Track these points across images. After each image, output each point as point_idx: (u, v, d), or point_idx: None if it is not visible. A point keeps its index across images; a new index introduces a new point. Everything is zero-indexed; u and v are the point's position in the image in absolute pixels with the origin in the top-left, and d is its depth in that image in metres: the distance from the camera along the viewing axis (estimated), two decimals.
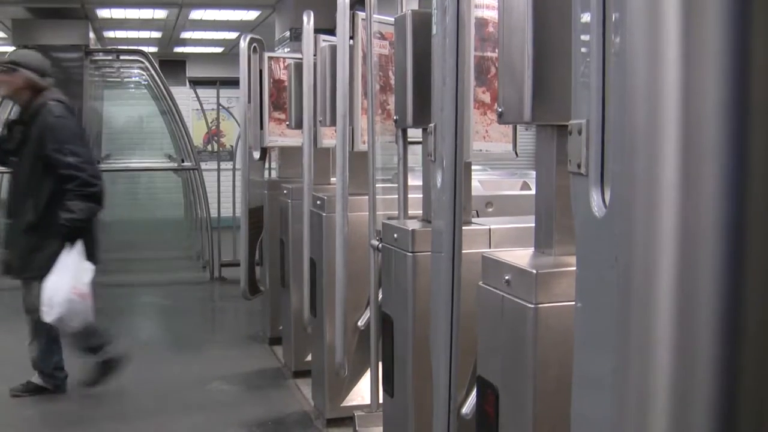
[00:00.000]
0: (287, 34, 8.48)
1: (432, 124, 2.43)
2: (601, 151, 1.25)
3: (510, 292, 1.94)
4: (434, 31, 2.40)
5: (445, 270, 2.27)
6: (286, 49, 8.41)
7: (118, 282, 8.26)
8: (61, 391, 4.62)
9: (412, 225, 2.85)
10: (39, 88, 4.49)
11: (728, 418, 1.02)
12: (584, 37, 1.31)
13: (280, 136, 5.40)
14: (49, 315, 4.15)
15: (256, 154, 5.57)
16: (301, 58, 4.44)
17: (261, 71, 5.44)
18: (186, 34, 11.92)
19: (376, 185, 3.38)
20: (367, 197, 3.40)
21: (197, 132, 11.68)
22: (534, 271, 1.86)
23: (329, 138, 4.30)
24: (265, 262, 5.64)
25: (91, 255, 4.34)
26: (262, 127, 5.40)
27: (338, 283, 3.53)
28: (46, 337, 4.57)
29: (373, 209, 3.36)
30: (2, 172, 9.53)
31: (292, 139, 5.20)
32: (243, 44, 5.43)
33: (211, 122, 11.14)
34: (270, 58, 5.46)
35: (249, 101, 5.48)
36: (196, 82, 10.53)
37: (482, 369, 2.09)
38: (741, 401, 1.02)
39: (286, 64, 5.47)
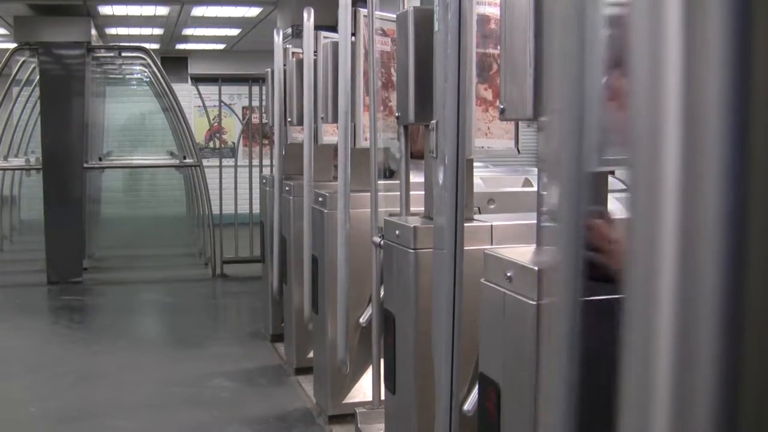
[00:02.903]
0: (289, 30, 8.48)
1: (434, 121, 2.43)
2: None
3: (512, 289, 1.94)
4: (436, 27, 2.40)
5: (447, 267, 2.27)
6: (288, 46, 8.40)
7: (120, 279, 8.27)
8: None
9: (414, 222, 2.85)
10: None
11: (729, 415, 1.02)
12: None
13: (300, 133, 5.32)
14: None
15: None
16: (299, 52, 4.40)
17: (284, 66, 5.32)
18: (188, 31, 11.91)
19: (378, 182, 3.38)
20: (368, 194, 3.40)
21: (199, 129, 11.69)
22: (536, 268, 1.86)
23: (331, 135, 4.29)
24: (267, 259, 5.64)
25: None
26: (285, 124, 5.32)
27: (340, 280, 3.53)
28: None
29: (374, 206, 3.36)
30: (1, 169, 9.58)
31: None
32: (278, 39, 5.20)
33: (212, 119, 11.14)
34: (293, 54, 5.31)
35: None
36: (197, 79, 10.51)
37: (484, 366, 2.10)
38: (742, 399, 1.02)
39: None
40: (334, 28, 3.81)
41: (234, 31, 11.70)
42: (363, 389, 3.93)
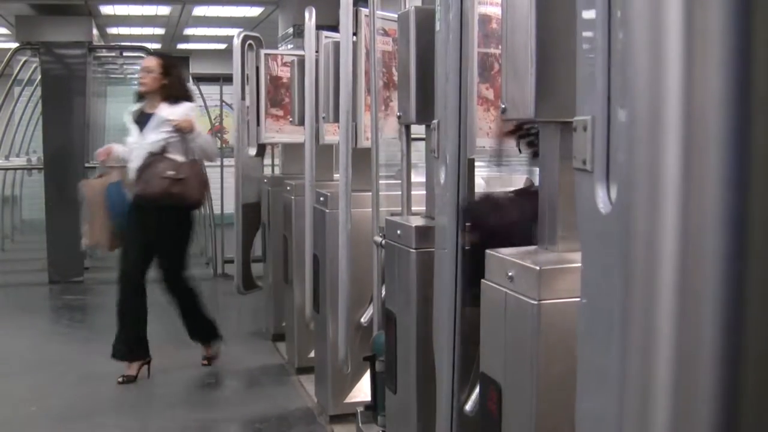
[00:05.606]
0: (290, 30, 8.48)
1: (435, 121, 2.43)
2: (606, 148, 1.24)
3: (513, 289, 1.94)
4: (437, 27, 2.40)
5: (448, 266, 2.27)
6: (289, 46, 8.41)
7: None
8: None
9: (416, 221, 2.85)
10: None
11: (730, 413, 1.02)
12: (589, 34, 1.31)
13: (277, 132, 5.45)
14: None
15: (252, 151, 5.62)
16: (301, 55, 4.43)
17: (258, 68, 5.47)
18: (189, 31, 11.92)
19: (380, 182, 3.38)
20: (370, 194, 3.40)
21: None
22: (537, 268, 1.86)
23: (332, 134, 4.29)
24: (268, 259, 5.65)
25: None
26: (258, 124, 5.44)
27: (341, 280, 3.53)
28: None
29: (376, 206, 3.36)
30: (3, 169, 9.58)
31: (290, 135, 5.24)
32: (236, 41, 5.51)
33: (214, 119, 11.14)
34: (267, 55, 5.49)
35: (243, 98, 5.53)
36: (199, 79, 10.51)
37: (485, 366, 2.09)
38: (743, 397, 1.02)
39: (283, 60, 5.50)
40: (335, 28, 3.81)
41: (235, 31, 11.69)
42: (364, 389, 3.93)
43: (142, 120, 4.79)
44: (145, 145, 4.69)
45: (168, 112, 4.70)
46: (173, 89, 4.80)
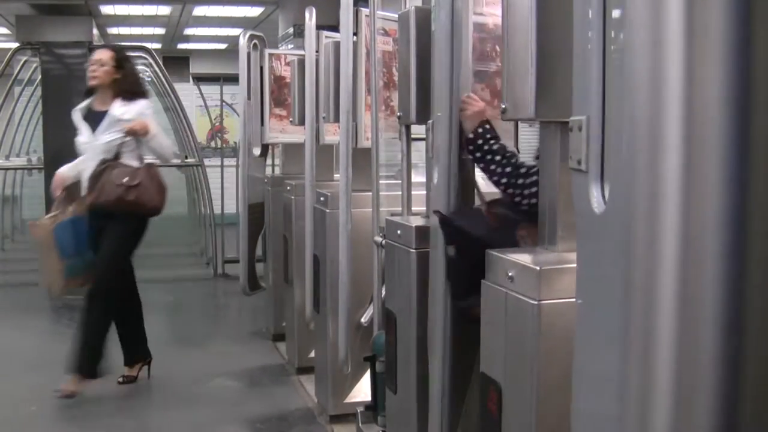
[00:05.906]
0: (291, 30, 8.48)
1: (431, 121, 2.43)
2: (601, 148, 1.25)
3: (513, 289, 1.94)
4: (433, 27, 2.40)
5: (443, 266, 2.27)
6: (289, 46, 8.41)
7: None
8: None
9: (416, 221, 2.85)
10: None
11: (729, 413, 1.02)
12: (585, 34, 1.31)
13: (281, 132, 5.44)
14: None
15: (257, 151, 5.61)
16: (303, 55, 4.43)
17: (261, 68, 5.46)
18: (189, 31, 11.92)
19: (380, 182, 3.38)
20: (370, 194, 3.40)
21: (201, 128, 11.69)
22: (537, 268, 1.86)
23: (332, 134, 4.29)
24: (268, 259, 5.65)
25: None
26: (262, 124, 5.43)
27: (341, 280, 3.53)
28: None
29: (376, 206, 3.36)
30: (3, 169, 9.58)
31: (293, 135, 5.22)
32: (243, 41, 5.48)
33: (214, 119, 11.14)
34: (271, 54, 5.48)
35: (249, 98, 5.49)
36: (199, 79, 10.53)
37: (485, 366, 2.09)
38: (742, 396, 1.02)
39: (287, 60, 5.49)
40: (336, 28, 3.81)
41: (236, 31, 11.69)
42: (364, 389, 3.93)
43: (93, 118, 4.52)
44: (98, 146, 4.46)
45: (122, 111, 4.45)
46: (126, 84, 4.54)
